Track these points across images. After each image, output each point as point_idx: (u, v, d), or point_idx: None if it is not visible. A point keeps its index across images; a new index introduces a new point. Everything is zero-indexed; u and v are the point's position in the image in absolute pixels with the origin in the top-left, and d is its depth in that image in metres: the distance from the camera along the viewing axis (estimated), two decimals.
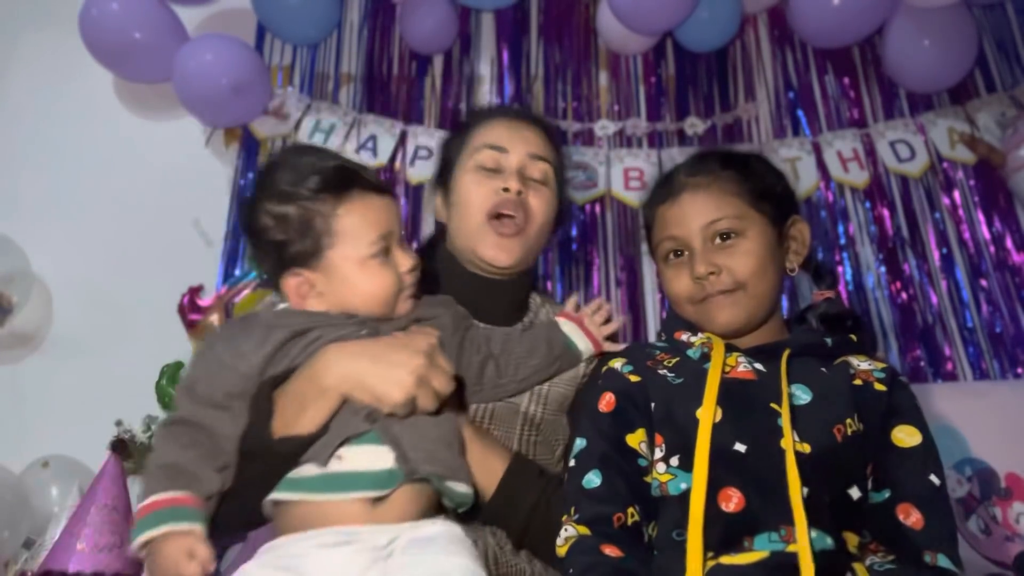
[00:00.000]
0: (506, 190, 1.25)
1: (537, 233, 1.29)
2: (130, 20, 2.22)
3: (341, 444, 0.96)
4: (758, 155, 1.22)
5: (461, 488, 1.01)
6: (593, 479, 1.02)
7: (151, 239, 2.34)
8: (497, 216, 1.25)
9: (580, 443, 1.07)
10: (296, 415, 0.97)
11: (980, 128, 2.29)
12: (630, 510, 0.99)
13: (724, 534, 0.93)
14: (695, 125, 2.42)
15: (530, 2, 2.57)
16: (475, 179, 1.28)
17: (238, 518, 1.00)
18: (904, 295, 2.24)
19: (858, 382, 1.04)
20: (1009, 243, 2.25)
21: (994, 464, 1.66)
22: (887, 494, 0.99)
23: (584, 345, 1.23)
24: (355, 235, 1.04)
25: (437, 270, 1.30)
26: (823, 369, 1.05)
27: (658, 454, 1.03)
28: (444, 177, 1.36)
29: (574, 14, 2.56)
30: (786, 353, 1.05)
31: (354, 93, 2.47)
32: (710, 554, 0.92)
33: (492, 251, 1.25)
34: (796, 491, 0.92)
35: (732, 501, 0.94)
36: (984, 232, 2.27)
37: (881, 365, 1.06)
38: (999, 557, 1.59)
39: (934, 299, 2.22)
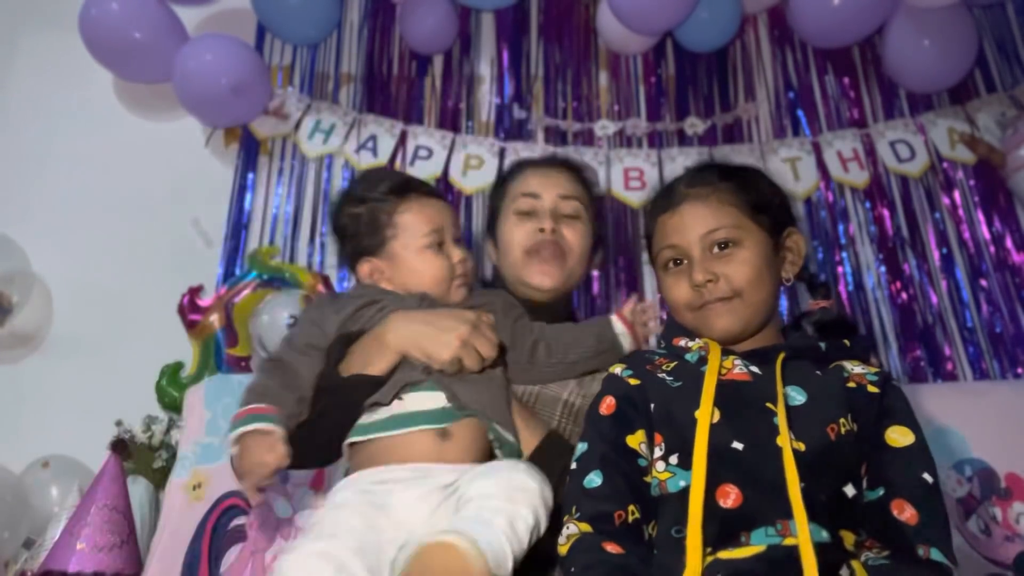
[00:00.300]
0: (541, 231, 1.45)
1: (576, 261, 1.48)
2: (130, 20, 2.22)
3: (402, 389, 1.14)
4: (756, 168, 1.28)
5: (509, 436, 1.17)
6: (594, 479, 1.05)
7: (151, 239, 2.34)
8: (536, 251, 1.45)
9: (582, 447, 1.11)
10: (362, 366, 1.16)
11: (980, 128, 2.29)
12: (631, 508, 1.02)
13: (722, 530, 0.95)
14: (695, 125, 2.42)
15: (530, 2, 2.57)
16: (515, 223, 1.49)
17: (312, 449, 1.18)
18: (904, 295, 2.24)
19: (851, 384, 1.07)
20: (1009, 243, 2.25)
21: (994, 464, 1.65)
22: (881, 492, 1.01)
23: (630, 346, 1.33)
24: (412, 228, 1.28)
25: None
26: (817, 372, 1.09)
27: (657, 453, 1.06)
28: (492, 225, 1.58)
29: (574, 14, 2.56)
30: (781, 356, 1.08)
31: (354, 93, 2.47)
32: (708, 549, 0.94)
33: (537, 277, 1.45)
34: (794, 485, 0.95)
35: (730, 497, 0.97)
36: (984, 232, 2.27)
37: (874, 369, 1.10)
38: (999, 557, 1.58)
39: (934, 299, 2.22)
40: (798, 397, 1.05)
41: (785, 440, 0.98)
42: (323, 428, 1.17)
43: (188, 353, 2.21)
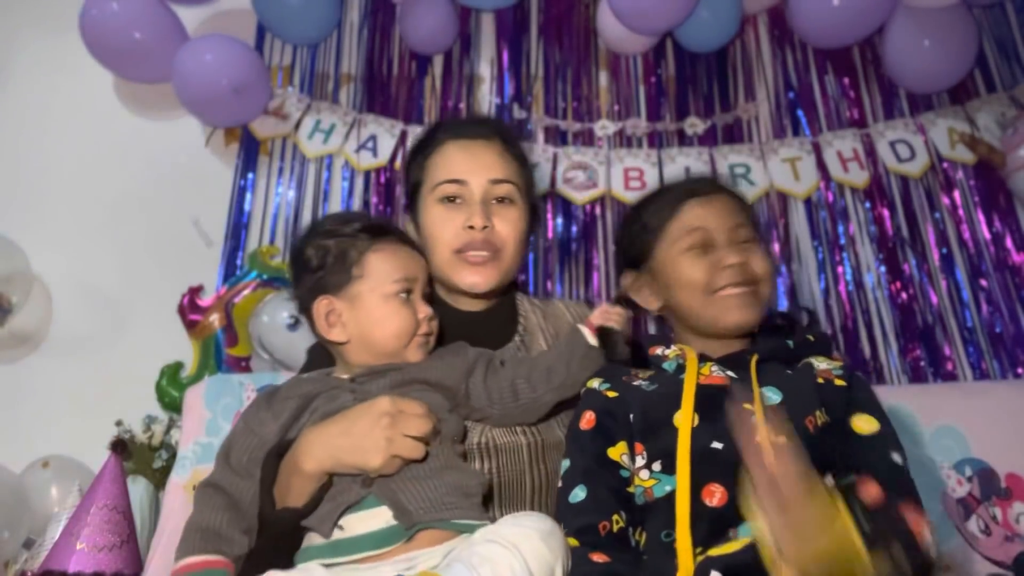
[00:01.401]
0: (471, 227, 1.27)
1: (511, 254, 1.32)
2: (130, 20, 2.22)
3: (342, 514, 1.03)
4: None
5: (474, 522, 1.03)
6: (579, 493, 1.08)
7: (151, 239, 2.35)
8: (465, 250, 1.29)
9: (565, 464, 1.14)
10: (284, 495, 1.05)
11: (980, 128, 2.29)
12: (615, 517, 1.05)
13: (710, 529, 0.98)
14: (695, 125, 2.42)
15: (530, 2, 2.57)
16: (439, 214, 1.30)
17: None
18: (904, 295, 2.24)
19: (820, 380, 1.11)
20: (1009, 243, 2.25)
21: (994, 464, 1.65)
22: (852, 477, 1.02)
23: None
24: (382, 271, 1.16)
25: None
26: (788, 371, 1.12)
27: (640, 462, 1.08)
28: (411, 204, 1.38)
29: (574, 14, 2.56)
30: (754, 359, 1.12)
31: (354, 93, 2.47)
32: (699, 549, 0.97)
33: (469, 279, 1.29)
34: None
35: (715, 496, 1.00)
36: (984, 232, 2.26)
37: (839, 363, 1.15)
38: (999, 557, 1.58)
39: (934, 299, 2.22)
40: (774, 396, 1.08)
41: (764, 437, 0.99)
42: (267, 562, 1.04)
43: (188, 353, 2.21)
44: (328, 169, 2.39)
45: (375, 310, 1.15)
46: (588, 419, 1.14)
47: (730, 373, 1.12)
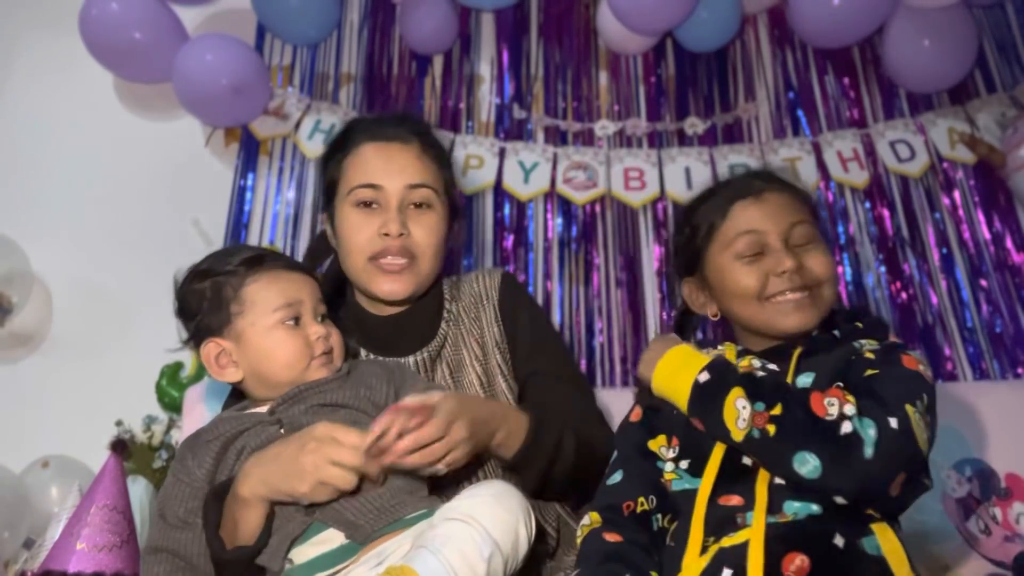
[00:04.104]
0: (386, 235, 1.24)
1: (430, 259, 1.29)
2: (130, 20, 2.22)
3: (290, 548, 1.01)
4: None
5: (426, 510, 1.03)
6: (616, 477, 1.13)
7: (151, 239, 2.34)
8: (381, 257, 1.26)
9: (614, 454, 1.17)
10: (232, 530, 1.02)
11: (980, 128, 2.29)
12: (640, 499, 1.08)
13: (720, 519, 0.99)
14: (695, 125, 2.42)
15: (530, 2, 2.57)
16: (355, 219, 1.27)
17: None
18: (904, 295, 2.24)
19: (852, 357, 1.07)
20: (1009, 243, 2.25)
21: (994, 464, 1.65)
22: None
23: None
24: (261, 303, 1.12)
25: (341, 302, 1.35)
26: (828, 356, 1.08)
27: (671, 454, 1.11)
28: (327, 203, 1.34)
29: (574, 14, 2.55)
30: (798, 351, 1.09)
31: (354, 93, 2.47)
32: (711, 539, 0.98)
33: (386, 287, 1.26)
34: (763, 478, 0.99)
35: (732, 501, 1.01)
36: (984, 232, 2.26)
37: (877, 343, 1.09)
38: (999, 557, 1.58)
39: (934, 299, 2.22)
40: (806, 380, 1.05)
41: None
42: None
43: (188, 353, 2.20)
44: None
45: (261, 343, 1.12)
46: (636, 412, 1.19)
47: (772, 366, 1.09)
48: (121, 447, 1.77)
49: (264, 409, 1.13)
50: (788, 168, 1.95)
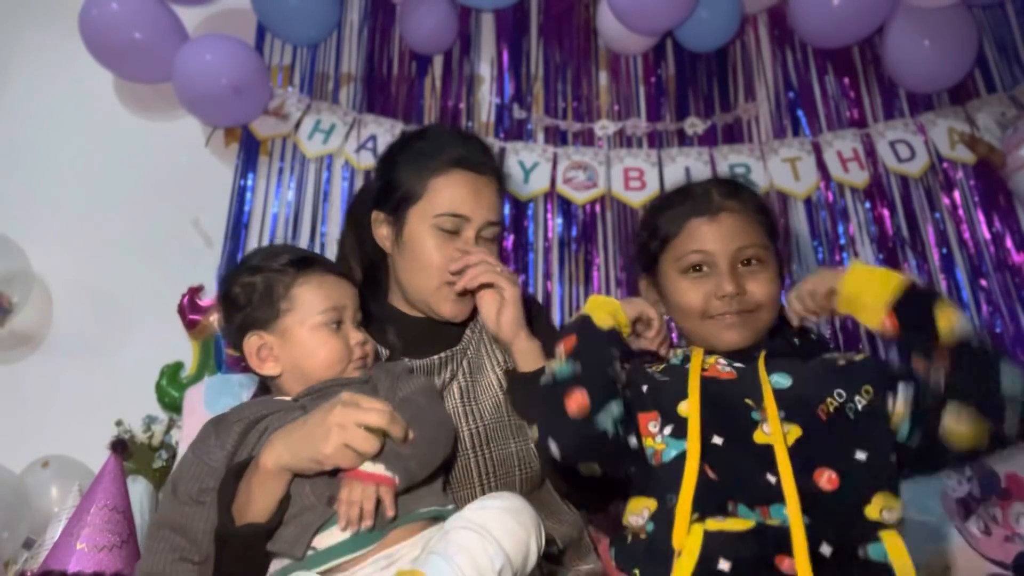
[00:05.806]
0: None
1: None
2: (130, 20, 2.22)
3: (314, 536, 1.02)
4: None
5: (442, 508, 1.06)
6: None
7: (151, 239, 2.34)
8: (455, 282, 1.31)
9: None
10: (246, 503, 1.03)
11: (980, 128, 2.29)
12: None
13: (709, 496, 1.00)
14: (695, 125, 2.42)
15: (530, 2, 2.57)
16: (436, 241, 1.32)
17: None
18: None
19: (841, 363, 1.11)
20: (1009, 243, 2.25)
21: (994, 464, 1.66)
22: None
23: None
24: (309, 303, 1.17)
25: (377, 297, 1.41)
26: (799, 362, 1.12)
27: (654, 427, 1.09)
28: (394, 207, 1.35)
29: (574, 14, 2.55)
30: (763, 354, 1.12)
31: (354, 93, 2.47)
32: (695, 515, 0.99)
33: (451, 310, 1.34)
34: (788, 476, 0.98)
35: (711, 474, 1.02)
36: (984, 232, 2.26)
37: (861, 356, 1.14)
38: (999, 557, 1.59)
39: None
40: (783, 381, 1.08)
41: (776, 430, 1.01)
42: None
43: (188, 353, 2.21)
44: (328, 169, 2.39)
45: (305, 342, 1.16)
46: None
47: (738, 365, 1.13)
48: (121, 447, 1.77)
49: (289, 398, 1.18)
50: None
